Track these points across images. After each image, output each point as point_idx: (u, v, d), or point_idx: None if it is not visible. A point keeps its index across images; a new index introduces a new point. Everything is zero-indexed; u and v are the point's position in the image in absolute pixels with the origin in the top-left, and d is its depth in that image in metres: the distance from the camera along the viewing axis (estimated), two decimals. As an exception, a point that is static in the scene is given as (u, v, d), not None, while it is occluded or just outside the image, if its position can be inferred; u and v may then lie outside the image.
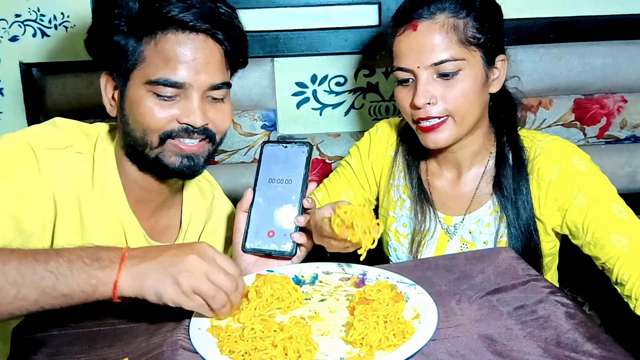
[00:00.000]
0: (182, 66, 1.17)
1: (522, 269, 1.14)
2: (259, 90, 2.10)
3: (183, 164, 1.22)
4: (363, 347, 0.92)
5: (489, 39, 1.34)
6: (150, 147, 1.20)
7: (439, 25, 1.31)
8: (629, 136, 2.21)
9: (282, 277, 1.10)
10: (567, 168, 1.35)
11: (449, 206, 1.47)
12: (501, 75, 1.40)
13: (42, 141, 1.19)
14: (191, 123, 1.19)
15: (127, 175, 1.27)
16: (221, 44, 1.22)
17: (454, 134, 1.35)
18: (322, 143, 2.15)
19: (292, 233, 1.20)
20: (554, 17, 2.15)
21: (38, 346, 1.01)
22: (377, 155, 1.57)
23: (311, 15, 2.12)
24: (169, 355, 0.94)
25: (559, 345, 0.92)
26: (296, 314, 1.04)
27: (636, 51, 2.14)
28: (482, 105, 1.37)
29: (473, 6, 1.33)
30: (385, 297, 1.00)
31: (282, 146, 1.25)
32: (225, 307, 1.00)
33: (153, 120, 1.18)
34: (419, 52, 1.32)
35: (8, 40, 2.07)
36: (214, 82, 1.20)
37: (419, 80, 1.32)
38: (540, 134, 1.45)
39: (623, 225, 1.29)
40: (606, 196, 1.33)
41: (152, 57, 1.17)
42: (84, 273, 0.96)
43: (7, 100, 2.13)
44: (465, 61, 1.32)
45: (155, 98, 1.18)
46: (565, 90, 2.16)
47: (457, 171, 1.48)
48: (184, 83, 1.17)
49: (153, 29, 1.17)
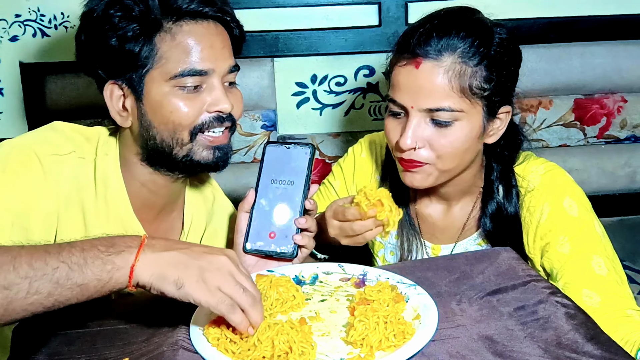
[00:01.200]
0: (203, 54, 1.17)
1: (522, 269, 1.13)
2: (259, 90, 2.10)
3: (216, 156, 1.22)
4: (363, 348, 0.92)
5: (496, 92, 1.23)
6: (181, 145, 1.19)
7: (444, 70, 1.20)
8: (629, 136, 2.21)
9: (286, 280, 1.10)
10: (558, 210, 1.30)
11: (437, 236, 1.43)
12: (502, 127, 1.29)
13: (46, 147, 1.18)
14: (222, 109, 1.19)
15: (135, 179, 1.26)
16: (227, 28, 1.24)
17: (432, 179, 1.28)
18: (322, 143, 2.15)
19: (293, 234, 1.20)
20: (554, 17, 2.16)
21: (38, 346, 1.01)
22: (361, 177, 1.51)
23: (311, 15, 2.13)
24: (169, 355, 0.94)
25: (559, 346, 0.92)
26: (296, 314, 1.04)
27: (636, 51, 2.15)
28: (470, 157, 1.29)
29: (487, 53, 1.22)
30: (386, 298, 1.00)
31: (284, 147, 1.24)
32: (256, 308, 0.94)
33: (184, 115, 1.17)
34: (416, 92, 1.22)
35: (8, 40, 2.08)
36: (230, 65, 1.22)
37: (410, 121, 1.23)
38: (533, 161, 1.37)
39: (598, 282, 1.23)
40: (590, 248, 1.27)
41: (170, 52, 1.16)
42: (98, 259, 0.92)
43: (7, 100, 2.13)
44: (463, 113, 1.21)
45: (182, 92, 1.17)
46: (565, 90, 2.16)
47: (446, 203, 1.42)
48: (208, 70, 1.17)
49: (166, 25, 1.16)
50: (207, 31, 1.19)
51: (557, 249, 1.29)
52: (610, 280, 1.23)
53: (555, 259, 1.29)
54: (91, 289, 0.92)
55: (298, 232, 1.20)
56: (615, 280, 1.24)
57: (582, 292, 1.22)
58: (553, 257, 1.29)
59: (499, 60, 1.23)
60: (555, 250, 1.29)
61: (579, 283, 1.24)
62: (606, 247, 1.29)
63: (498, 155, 1.36)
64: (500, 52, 1.24)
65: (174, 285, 0.92)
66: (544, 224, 1.31)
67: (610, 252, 1.29)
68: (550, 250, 1.30)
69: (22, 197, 1.12)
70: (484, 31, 1.23)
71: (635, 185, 2.20)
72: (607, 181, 2.19)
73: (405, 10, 2.10)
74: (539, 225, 1.31)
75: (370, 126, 2.23)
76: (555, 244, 1.29)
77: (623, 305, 1.21)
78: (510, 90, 1.29)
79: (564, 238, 1.28)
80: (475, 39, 1.21)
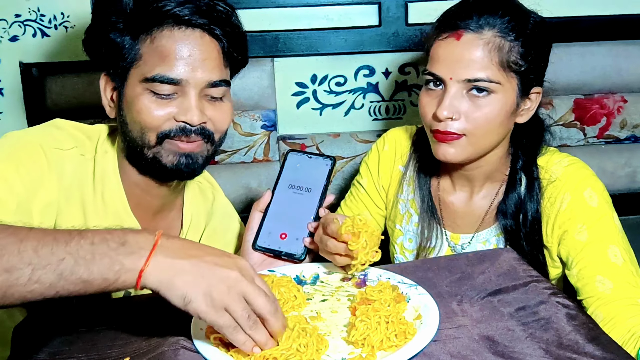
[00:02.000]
0: (178, 62, 1.15)
1: (523, 270, 1.13)
2: (259, 90, 2.10)
3: (181, 163, 1.20)
4: (365, 348, 0.92)
5: (530, 69, 1.29)
6: (148, 147, 1.19)
7: (484, 42, 1.26)
8: (629, 136, 2.21)
9: (287, 280, 1.10)
10: (578, 199, 1.32)
11: (458, 224, 1.45)
12: (532, 107, 1.35)
13: (49, 141, 1.18)
14: (188, 121, 1.17)
15: (128, 178, 1.26)
16: (218, 41, 1.21)
17: (466, 153, 1.32)
18: (322, 143, 2.14)
19: (304, 237, 1.21)
20: (554, 17, 2.15)
21: (39, 345, 1.01)
22: (385, 170, 1.54)
23: (311, 15, 2.12)
24: (170, 355, 0.93)
25: (560, 346, 0.92)
26: (297, 314, 1.04)
27: (636, 51, 2.14)
28: (503, 133, 1.33)
29: (524, 31, 1.28)
30: (387, 298, 1.00)
31: (306, 156, 1.27)
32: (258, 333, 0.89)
33: (150, 119, 1.17)
34: (456, 63, 1.27)
35: (8, 40, 2.07)
36: (211, 79, 1.19)
37: (447, 92, 1.28)
38: (557, 154, 1.41)
39: (613, 270, 1.25)
40: (607, 237, 1.29)
41: (149, 54, 1.16)
42: (106, 258, 0.86)
43: (7, 100, 2.12)
44: (499, 85, 1.27)
45: (152, 96, 1.16)
46: (565, 90, 2.16)
47: (469, 189, 1.44)
48: (181, 80, 1.16)
49: (149, 26, 1.16)
50: (190, 40, 1.17)
51: (575, 237, 1.31)
52: (625, 269, 1.25)
53: (572, 246, 1.31)
54: (95, 286, 0.87)
55: (309, 236, 1.21)
56: (630, 270, 1.26)
57: (595, 278, 1.25)
58: (570, 245, 1.31)
59: (534, 39, 1.30)
60: (572, 238, 1.31)
61: (593, 269, 1.26)
62: (623, 238, 1.31)
63: (523, 145, 1.39)
64: (535, 33, 1.31)
65: (181, 300, 0.87)
66: (563, 212, 1.33)
67: (626, 245, 1.31)
68: (568, 238, 1.32)
69: (25, 183, 1.12)
70: (521, 12, 1.31)
71: (635, 185, 2.20)
72: (607, 181, 2.17)
73: (405, 10, 2.10)
74: (559, 214, 1.34)
75: (370, 126, 2.23)
76: (573, 231, 1.31)
77: (635, 294, 1.22)
78: (542, 71, 1.35)
79: (582, 226, 1.30)
80: (512, 17, 1.28)
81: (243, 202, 2.07)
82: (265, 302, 0.89)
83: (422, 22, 2.10)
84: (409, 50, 2.13)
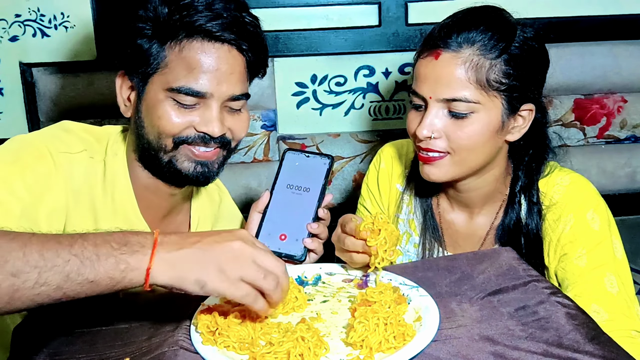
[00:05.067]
0: (205, 76, 1.16)
1: (523, 269, 1.13)
2: (259, 90, 2.10)
3: (197, 171, 1.21)
4: (363, 349, 0.92)
5: (516, 87, 1.25)
6: (165, 151, 1.20)
7: (461, 60, 1.23)
8: (629, 136, 2.21)
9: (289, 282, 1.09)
10: (581, 222, 1.31)
11: (460, 245, 1.43)
12: (525, 125, 1.30)
13: (58, 144, 1.18)
14: (209, 132, 1.18)
15: (139, 180, 1.26)
16: (245, 55, 1.22)
17: (451, 173, 1.30)
18: (322, 143, 2.15)
19: (304, 238, 1.21)
20: (554, 17, 2.15)
21: (38, 346, 1.01)
22: (384, 189, 1.53)
23: (311, 15, 2.12)
24: (169, 355, 0.93)
25: (560, 346, 0.92)
26: (298, 315, 1.04)
27: (636, 51, 2.15)
28: (490, 152, 1.30)
29: (507, 48, 1.24)
30: (387, 299, 0.99)
31: (304, 155, 1.27)
32: (277, 291, 0.94)
33: (169, 125, 1.17)
34: (434, 82, 1.25)
35: (8, 40, 2.07)
36: (234, 93, 1.20)
37: (428, 111, 1.26)
38: (558, 172, 1.37)
39: (608, 300, 1.25)
40: (605, 265, 1.28)
41: (175, 63, 1.16)
42: (111, 257, 0.88)
43: (7, 100, 2.12)
44: (479, 104, 1.24)
45: (175, 104, 1.17)
46: (565, 90, 2.16)
47: (469, 211, 1.42)
48: (206, 93, 1.16)
49: (178, 36, 1.16)
50: (218, 54, 1.17)
51: (574, 261, 1.30)
52: (620, 299, 1.25)
53: (570, 270, 1.30)
54: (103, 286, 0.88)
55: (309, 237, 1.21)
56: (625, 300, 1.26)
57: (591, 307, 1.23)
58: (568, 269, 1.30)
59: (520, 57, 1.25)
60: (571, 262, 1.30)
61: (589, 297, 1.25)
62: (621, 265, 1.30)
63: (525, 165, 1.36)
64: (523, 49, 1.26)
65: (197, 285, 0.90)
66: (566, 235, 1.32)
67: (624, 271, 1.30)
68: (567, 261, 1.31)
69: (32, 188, 1.12)
70: (505, 27, 1.26)
71: (635, 185, 2.20)
72: (607, 181, 2.19)
73: (405, 10, 2.10)
74: (562, 236, 1.32)
75: (370, 126, 2.23)
76: (572, 255, 1.30)
77: (629, 326, 1.23)
78: (534, 89, 1.30)
79: (582, 250, 1.29)
80: (494, 33, 1.24)
81: (243, 202, 2.07)
82: (274, 260, 0.94)
83: (422, 22, 2.11)
84: (409, 50, 2.13)
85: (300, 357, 0.90)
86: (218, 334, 0.95)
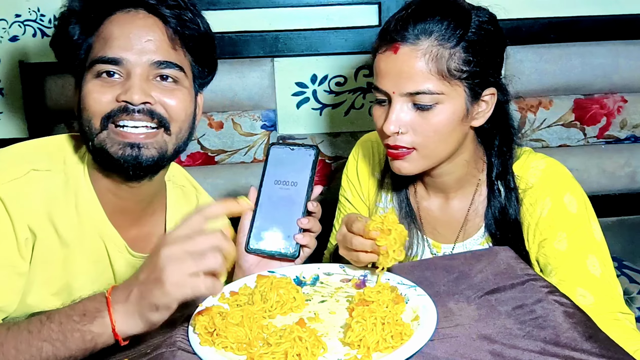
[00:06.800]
0: (118, 42, 1.15)
1: (520, 268, 1.13)
2: (259, 90, 2.10)
3: (126, 154, 1.15)
4: (360, 349, 0.92)
5: (477, 73, 1.24)
6: (95, 134, 1.16)
7: (421, 53, 1.21)
8: (629, 136, 2.21)
9: (287, 282, 1.09)
10: (558, 205, 1.31)
11: (439, 232, 1.43)
12: (488, 109, 1.30)
13: (0, 176, 1.13)
14: (128, 99, 1.14)
15: (101, 185, 1.23)
16: (165, 22, 1.19)
17: (420, 166, 1.30)
18: (322, 143, 2.15)
19: (295, 234, 1.20)
20: (554, 17, 2.15)
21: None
22: (363, 178, 1.53)
23: (311, 15, 2.12)
24: (167, 356, 0.94)
25: (557, 344, 0.92)
26: (295, 315, 1.04)
27: (636, 51, 2.14)
28: (456, 140, 1.29)
29: (464, 35, 1.23)
30: (385, 299, 0.99)
31: (289, 148, 1.24)
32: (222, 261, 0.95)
33: (95, 103, 1.15)
34: (396, 77, 1.23)
35: (8, 40, 2.08)
36: (154, 58, 1.17)
37: (393, 107, 1.25)
38: (532, 156, 1.38)
39: (592, 282, 1.26)
40: (586, 247, 1.29)
41: (97, 42, 1.17)
42: (77, 332, 0.94)
43: (7, 100, 2.13)
44: (443, 95, 1.23)
45: (97, 80, 1.15)
46: (565, 90, 2.16)
47: (444, 196, 1.42)
48: (120, 58, 1.15)
49: (100, 20, 1.17)
50: (131, 20, 1.17)
51: (554, 245, 1.30)
52: (604, 281, 1.26)
53: (552, 255, 1.30)
54: (80, 356, 0.96)
55: (300, 232, 1.20)
56: (608, 281, 1.27)
57: (576, 291, 1.25)
58: (549, 253, 1.31)
59: (478, 42, 1.25)
60: (552, 247, 1.30)
61: (573, 281, 1.26)
62: (601, 247, 1.31)
63: (497, 149, 1.37)
64: (480, 34, 1.25)
65: (153, 311, 0.93)
66: (544, 219, 1.32)
67: (604, 252, 1.30)
68: (547, 246, 1.31)
69: None
70: (460, 14, 1.25)
71: (635, 185, 2.20)
72: (607, 181, 2.19)
73: (405, 10, 2.10)
74: (540, 220, 1.32)
75: (370, 126, 2.21)
76: (552, 239, 1.30)
77: (614, 308, 1.24)
78: (494, 72, 1.29)
79: (562, 234, 1.29)
80: (451, 21, 1.23)
81: (243, 202, 2.07)
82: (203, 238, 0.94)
83: (421, 22, 2.10)
84: (409, 50, 2.12)
85: (297, 357, 0.90)
86: (216, 334, 0.96)
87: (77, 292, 1.18)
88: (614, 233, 2.13)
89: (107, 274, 1.26)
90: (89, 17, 1.17)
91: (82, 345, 0.94)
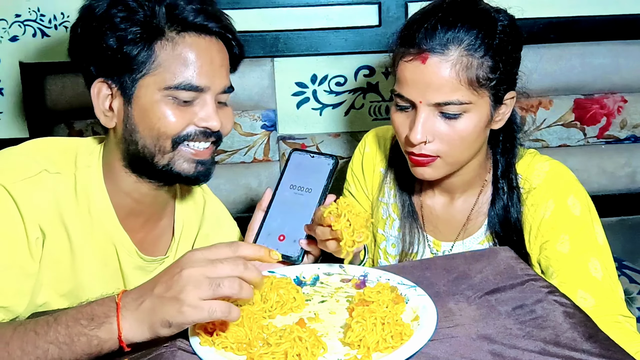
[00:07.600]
0: (202, 69, 1.15)
1: (520, 268, 1.13)
2: (259, 90, 2.10)
3: (197, 171, 1.21)
4: (360, 349, 0.92)
5: (502, 79, 1.24)
6: (162, 154, 1.17)
7: (451, 63, 1.19)
8: (629, 136, 2.21)
9: (287, 282, 1.09)
10: (562, 207, 1.31)
11: (440, 230, 1.43)
12: (507, 112, 1.30)
13: (13, 175, 1.13)
14: (210, 127, 1.18)
15: (119, 188, 1.23)
16: (229, 47, 1.22)
17: (443, 171, 1.29)
18: (322, 143, 2.15)
19: (301, 239, 1.21)
20: (554, 17, 2.15)
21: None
22: (368, 172, 1.53)
23: (311, 15, 2.12)
24: (167, 356, 0.94)
25: (557, 344, 0.92)
26: (295, 315, 1.04)
27: (636, 51, 2.14)
28: (479, 145, 1.30)
29: (492, 43, 1.21)
30: (385, 299, 0.99)
31: (309, 156, 1.26)
32: (244, 290, 0.93)
33: (171, 125, 1.15)
34: (423, 87, 1.21)
35: (8, 40, 2.08)
36: (226, 85, 1.21)
37: (419, 116, 1.22)
38: (537, 158, 1.38)
39: (594, 285, 1.25)
40: (588, 250, 1.28)
41: (169, 62, 1.14)
42: (83, 337, 0.94)
43: (7, 100, 2.13)
44: (471, 104, 1.22)
45: (174, 102, 1.15)
46: (565, 90, 2.16)
47: (449, 195, 1.42)
48: (205, 87, 1.16)
49: (167, 33, 1.14)
50: (209, 46, 1.17)
51: (556, 247, 1.29)
52: (605, 284, 1.26)
53: (554, 257, 1.30)
54: None
55: (306, 238, 1.21)
56: (609, 284, 1.26)
57: (577, 293, 1.24)
58: (551, 255, 1.30)
59: (504, 47, 1.24)
60: (554, 249, 1.30)
61: (574, 283, 1.25)
62: (603, 250, 1.30)
63: (501, 146, 1.37)
64: (504, 40, 1.24)
65: (165, 327, 0.92)
66: (547, 221, 1.31)
67: (606, 255, 1.30)
68: (549, 248, 1.30)
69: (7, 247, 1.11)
70: (488, 21, 1.24)
71: (635, 185, 2.20)
72: (607, 181, 2.19)
73: (405, 10, 2.10)
74: (542, 222, 1.32)
75: (370, 126, 2.20)
76: (555, 241, 1.30)
77: (615, 310, 1.24)
78: (514, 74, 1.29)
79: (565, 236, 1.29)
80: (480, 30, 1.21)
81: (243, 202, 2.07)
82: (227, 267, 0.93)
83: (422, 22, 2.10)
84: (409, 50, 2.12)
85: (297, 357, 0.90)
86: (216, 334, 0.96)
87: (86, 294, 1.19)
88: (614, 233, 2.12)
89: (116, 277, 1.26)
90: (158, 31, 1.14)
91: (88, 349, 0.94)
